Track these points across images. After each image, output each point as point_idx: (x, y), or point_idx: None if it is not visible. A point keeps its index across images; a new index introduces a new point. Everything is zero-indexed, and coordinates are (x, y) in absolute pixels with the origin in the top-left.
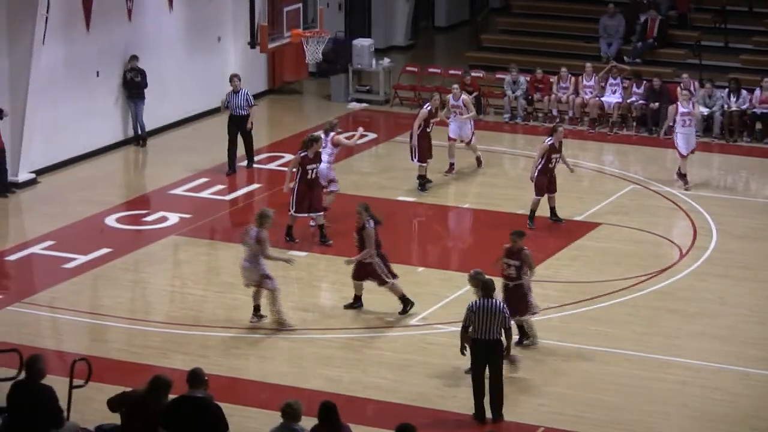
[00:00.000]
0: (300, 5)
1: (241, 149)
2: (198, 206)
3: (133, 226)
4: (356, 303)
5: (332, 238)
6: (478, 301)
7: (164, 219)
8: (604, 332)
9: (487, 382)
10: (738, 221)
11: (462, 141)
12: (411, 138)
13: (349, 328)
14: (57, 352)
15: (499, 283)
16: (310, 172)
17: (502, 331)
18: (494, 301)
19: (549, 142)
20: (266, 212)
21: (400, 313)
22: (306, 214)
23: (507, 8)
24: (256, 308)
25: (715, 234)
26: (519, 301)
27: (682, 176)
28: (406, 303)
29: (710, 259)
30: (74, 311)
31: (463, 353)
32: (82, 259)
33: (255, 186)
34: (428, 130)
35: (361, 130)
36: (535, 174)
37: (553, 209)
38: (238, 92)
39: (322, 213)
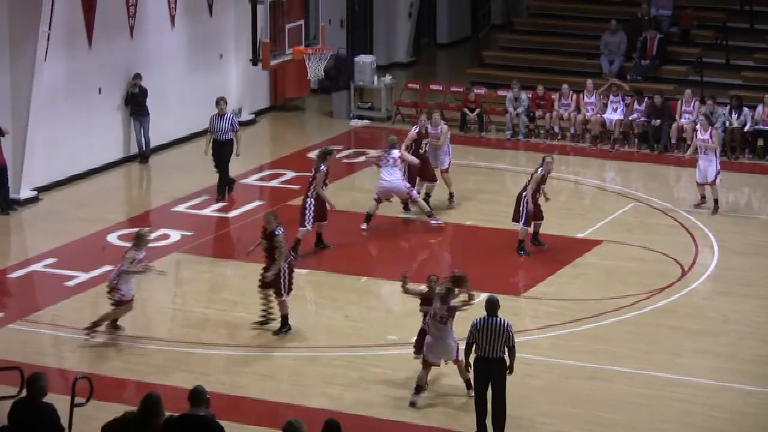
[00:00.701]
0: (302, 22)
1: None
2: (200, 223)
3: None
4: (284, 327)
5: (331, 256)
6: (482, 319)
7: (166, 236)
8: (606, 350)
9: (489, 400)
10: (740, 238)
11: (437, 168)
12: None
13: (352, 346)
14: (58, 370)
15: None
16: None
17: (506, 349)
18: (499, 319)
19: (542, 173)
20: (142, 233)
21: (274, 333)
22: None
23: (509, 25)
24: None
25: (717, 251)
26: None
27: (702, 198)
28: (285, 324)
29: (712, 277)
30: (76, 329)
31: (467, 370)
32: (84, 276)
33: (257, 203)
34: (421, 151)
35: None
36: (528, 204)
37: (536, 234)
38: (223, 116)
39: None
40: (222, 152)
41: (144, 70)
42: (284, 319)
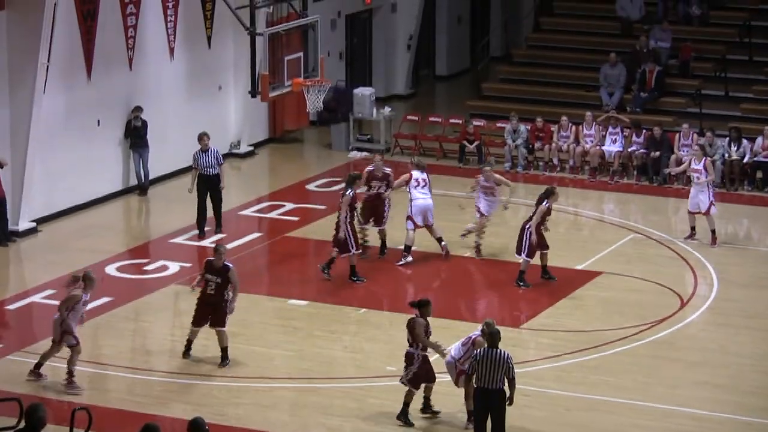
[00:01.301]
0: (301, 54)
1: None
2: (199, 255)
3: (134, 275)
4: (224, 360)
5: (329, 287)
6: (482, 351)
7: (165, 268)
8: (606, 381)
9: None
10: (739, 270)
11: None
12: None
13: (351, 377)
14: (57, 401)
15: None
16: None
17: (506, 380)
18: (499, 350)
19: (547, 205)
20: (90, 275)
21: (219, 366)
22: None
23: (508, 57)
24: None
25: (717, 283)
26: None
27: (692, 230)
28: (225, 357)
29: (712, 308)
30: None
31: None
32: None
33: (256, 234)
34: (373, 191)
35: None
36: (531, 236)
37: (545, 267)
38: (207, 151)
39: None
40: (212, 187)
41: (143, 101)
42: (224, 351)
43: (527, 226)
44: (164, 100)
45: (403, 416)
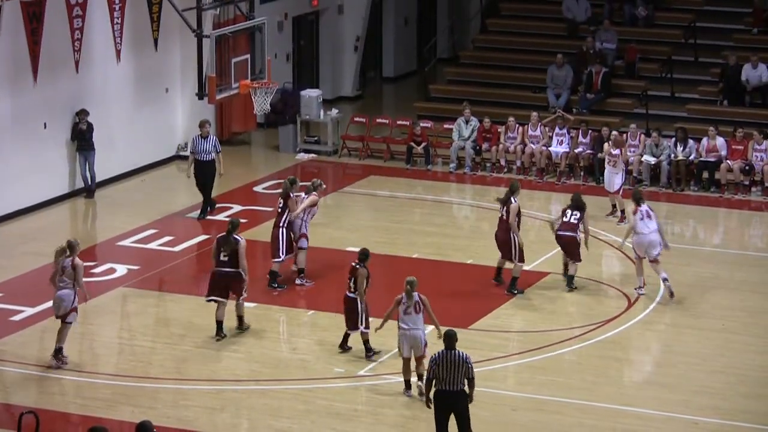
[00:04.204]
0: (248, 56)
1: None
2: (146, 258)
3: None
4: None
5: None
6: (441, 353)
7: (112, 270)
8: (553, 381)
9: None
10: (685, 270)
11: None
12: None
13: (299, 379)
14: (4, 405)
15: None
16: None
17: (466, 381)
18: (457, 352)
19: (516, 203)
20: (72, 242)
21: (236, 330)
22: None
23: (455, 58)
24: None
25: (663, 283)
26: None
27: (612, 207)
28: (241, 325)
29: (658, 308)
30: (22, 363)
31: (429, 406)
32: (29, 311)
33: (203, 237)
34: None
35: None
36: (518, 239)
37: (500, 269)
38: (207, 137)
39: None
40: (205, 173)
41: (90, 104)
42: (240, 319)
43: (511, 234)
44: (111, 102)
45: (369, 352)
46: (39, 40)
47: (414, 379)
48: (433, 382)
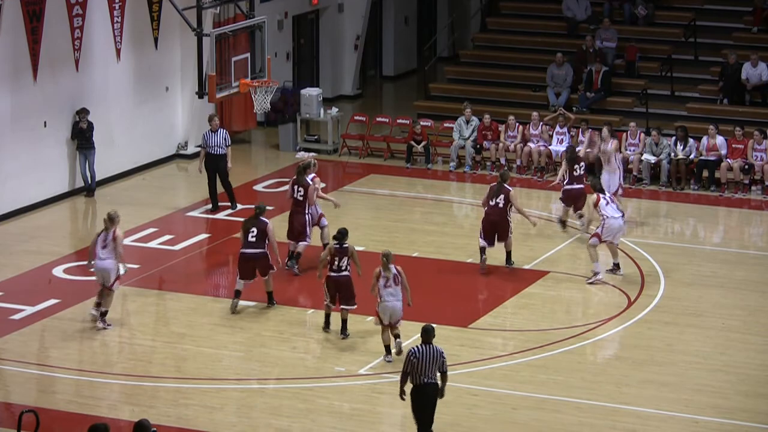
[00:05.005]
0: (248, 55)
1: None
2: (146, 256)
3: (81, 276)
4: None
5: (279, 288)
6: (419, 348)
7: None
8: (553, 380)
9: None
10: (686, 269)
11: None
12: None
13: (299, 378)
14: (4, 404)
15: None
16: None
17: (438, 374)
18: (434, 346)
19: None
20: (112, 214)
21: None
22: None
23: (455, 57)
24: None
25: (663, 281)
26: None
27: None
28: (271, 300)
29: (658, 307)
30: (22, 362)
31: (402, 398)
32: (29, 310)
33: (204, 236)
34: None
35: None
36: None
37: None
38: (217, 131)
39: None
40: (219, 166)
41: (90, 103)
42: (269, 295)
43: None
44: (111, 101)
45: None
46: (39, 38)
47: (392, 344)
48: (408, 375)
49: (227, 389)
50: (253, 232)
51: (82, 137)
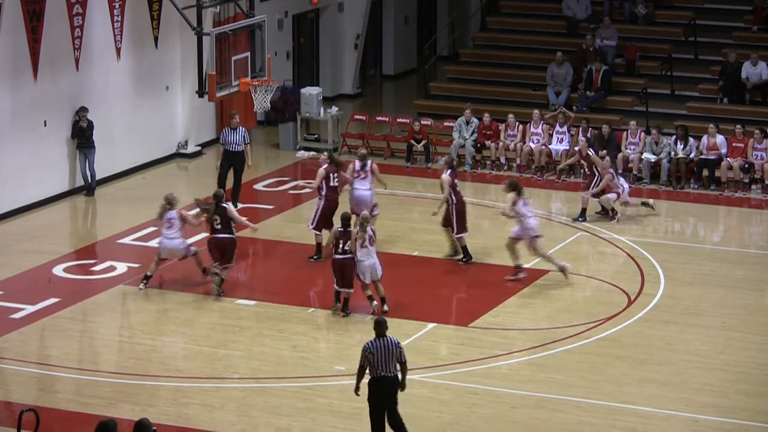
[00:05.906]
0: (248, 54)
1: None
2: (146, 255)
3: (81, 275)
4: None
5: (279, 287)
6: (374, 342)
7: (112, 268)
8: (554, 379)
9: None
10: (686, 268)
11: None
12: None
13: (299, 377)
14: (4, 403)
15: None
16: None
17: (398, 365)
18: (388, 338)
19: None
20: (170, 197)
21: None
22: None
23: (455, 56)
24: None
25: (663, 280)
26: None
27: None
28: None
29: (658, 306)
30: (22, 361)
31: (357, 394)
32: (29, 309)
33: (204, 235)
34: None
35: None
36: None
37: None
38: (235, 129)
39: None
40: (236, 163)
41: (90, 102)
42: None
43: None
44: (111, 100)
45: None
46: (39, 37)
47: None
48: (366, 370)
49: (227, 388)
50: (216, 220)
51: (82, 136)
